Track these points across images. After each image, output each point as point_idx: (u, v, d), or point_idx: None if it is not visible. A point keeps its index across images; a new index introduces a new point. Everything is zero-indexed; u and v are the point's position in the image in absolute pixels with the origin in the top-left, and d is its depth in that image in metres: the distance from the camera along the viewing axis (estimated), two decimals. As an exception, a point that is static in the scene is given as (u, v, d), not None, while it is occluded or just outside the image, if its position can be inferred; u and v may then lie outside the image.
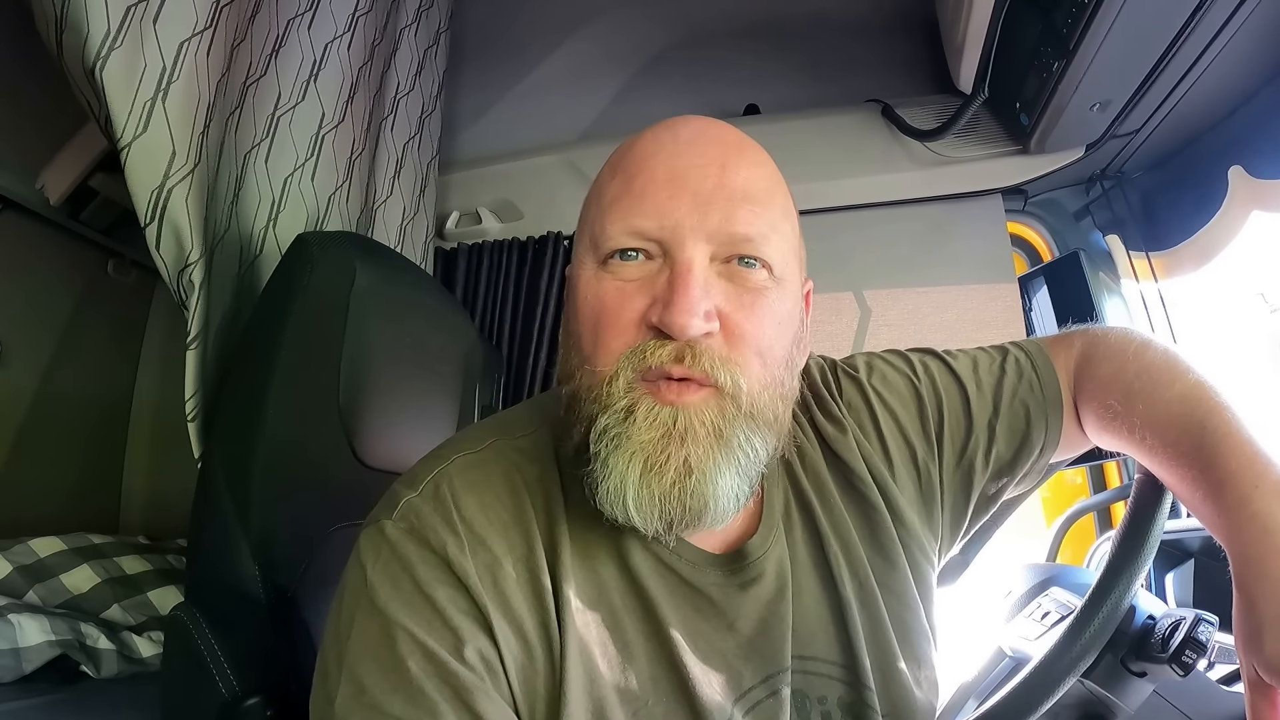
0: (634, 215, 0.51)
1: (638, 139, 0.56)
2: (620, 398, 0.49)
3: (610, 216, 0.52)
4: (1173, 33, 1.08)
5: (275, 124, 1.17)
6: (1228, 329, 1.36)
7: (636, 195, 0.51)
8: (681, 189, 0.51)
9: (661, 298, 0.49)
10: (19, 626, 1.07)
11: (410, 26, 1.59)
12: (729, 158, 0.53)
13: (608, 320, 0.51)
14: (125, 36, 0.85)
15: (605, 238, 0.52)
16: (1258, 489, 0.51)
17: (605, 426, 0.49)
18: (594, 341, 0.51)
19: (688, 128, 0.55)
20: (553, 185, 1.76)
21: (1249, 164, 1.25)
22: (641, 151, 0.54)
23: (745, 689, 0.55)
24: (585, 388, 0.51)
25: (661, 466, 0.48)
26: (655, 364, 0.48)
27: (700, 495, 0.49)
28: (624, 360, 0.49)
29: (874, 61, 1.76)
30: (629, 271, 0.51)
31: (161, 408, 1.92)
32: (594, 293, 0.52)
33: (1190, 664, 0.59)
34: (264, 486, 0.84)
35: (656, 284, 0.50)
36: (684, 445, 0.48)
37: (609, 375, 0.49)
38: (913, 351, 0.72)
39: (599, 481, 0.49)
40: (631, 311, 0.50)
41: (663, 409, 0.48)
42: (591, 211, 0.55)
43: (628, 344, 0.50)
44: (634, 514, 0.49)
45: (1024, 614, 0.86)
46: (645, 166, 0.53)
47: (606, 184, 0.55)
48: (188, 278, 0.93)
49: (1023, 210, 1.64)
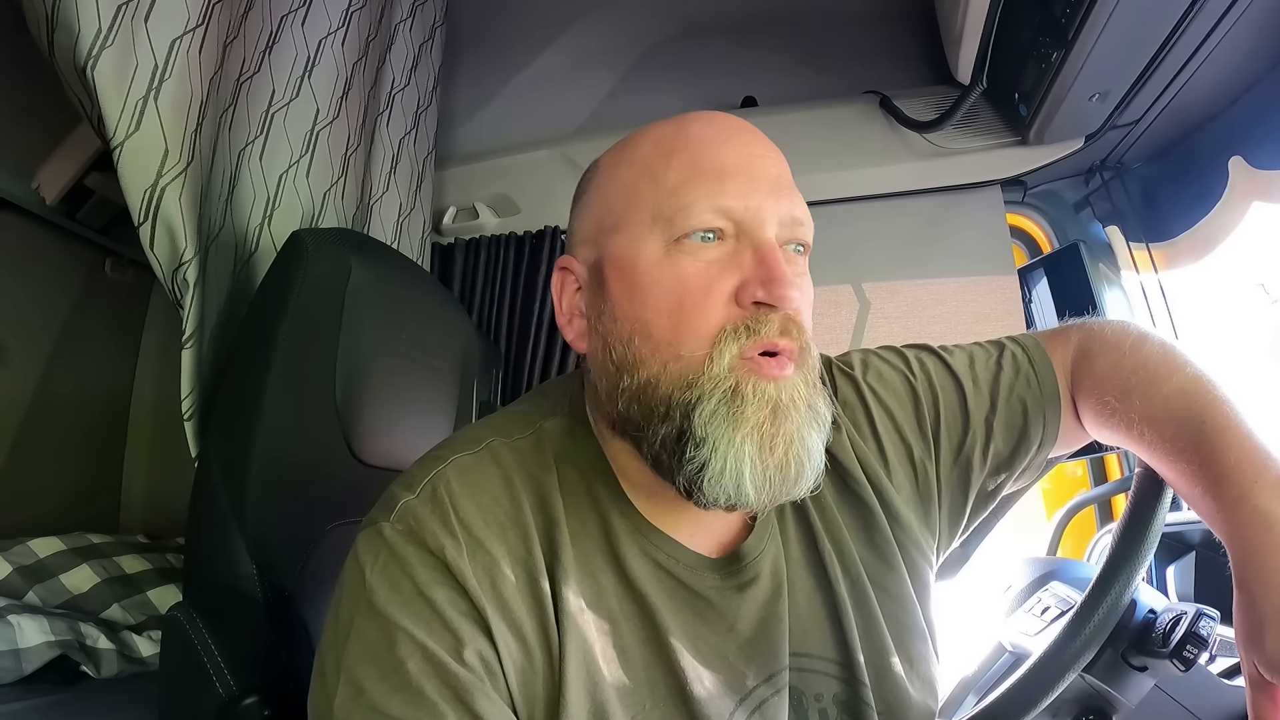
0: (719, 195, 0.51)
1: (684, 125, 0.56)
2: (725, 378, 0.49)
3: (688, 195, 0.52)
4: (1172, 22, 1.07)
5: (269, 121, 1.16)
6: (1228, 320, 1.36)
7: (715, 176, 0.52)
8: (756, 174, 0.53)
9: (756, 275, 0.50)
10: (19, 627, 1.07)
11: (405, 21, 1.58)
12: (775, 153, 0.56)
13: (694, 301, 0.51)
14: (116, 35, 0.84)
15: (687, 215, 0.51)
16: (1257, 484, 0.50)
17: (714, 409, 0.49)
18: (676, 324, 0.51)
19: (731, 120, 0.57)
20: (549, 179, 1.75)
21: (1249, 154, 1.24)
22: (699, 136, 0.54)
23: (749, 688, 0.55)
24: (668, 374, 0.51)
25: (773, 442, 0.49)
26: (767, 336, 0.49)
27: (800, 465, 0.51)
28: (725, 340, 0.50)
29: (871, 53, 1.75)
30: (709, 253, 0.51)
31: (161, 406, 1.92)
32: (671, 275, 0.51)
33: (1191, 659, 0.59)
34: (261, 485, 0.84)
35: (742, 263, 0.51)
36: (790, 419, 0.50)
37: (705, 357, 0.50)
38: (908, 348, 0.72)
39: (706, 464, 0.49)
40: (720, 293, 0.51)
41: (768, 385, 0.49)
42: (646, 190, 0.54)
43: (721, 323, 0.50)
44: (750, 492, 0.49)
45: (1024, 609, 0.86)
46: (712, 150, 0.53)
47: (663, 165, 0.54)
48: (182, 276, 0.93)
49: (1022, 202, 1.63)
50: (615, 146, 0.60)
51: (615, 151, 0.59)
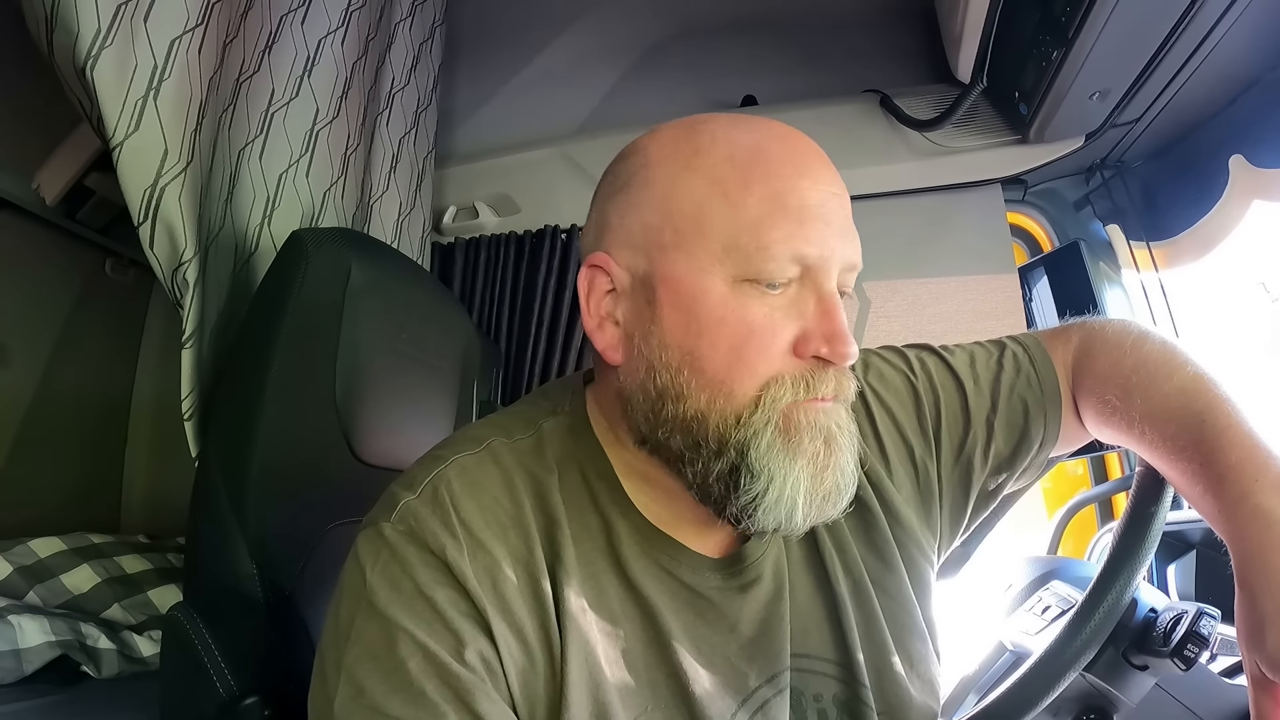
0: (800, 241, 0.50)
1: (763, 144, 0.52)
2: (775, 417, 0.50)
3: (770, 235, 0.49)
4: (1173, 20, 1.07)
5: (269, 120, 1.16)
6: (1228, 319, 1.35)
7: (796, 219, 0.50)
8: (833, 217, 0.52)
9: (819, 329, 0.50)
10: (19, 628, 1.07)
11: (405, 21, 1.58)
12: (844, 186, 0.54)
13: (757, 346, 0.50)
14: (116, 35, 0.84)
15: (766, 259, 0.49)
16: (1258, 483, 0.50)
17: (770, 443, 0.50)
18: (733, 365, 0.50)
19: (808, 146, 0.55)
20: (550, 179, 1.75)
21: (1250, 153, 1.24)
22: (780, 162, 0.52)
23: (752, 689, 0.55)
24: (718, 411, 0.50)
25: (825, 472, 0.51)
26: (822, 395, 0.51)
27: (842, 491, 0.52)
28: (781, 390, 0.50)
29: (871, 51, 1.74)
30: (776, 299, 0.51)
31: (161, 406, 1.92)
32: (736, 315, 0.50)
33: (1192, 658, 0.59)
34: (261, 485, 0.84)
35: (805, 311, 0.51)
36: (840, 449, 0.52)
37: (756, 398, 0.50)
38: (909, 348, 0.72)
39: (761, 494, 0.50)
40: (783, 341, 0.50)
41: (819, 415, 0.51)
42: (720, 215, 0.50)
43: (778, 372, 0.50)
44: (799, 519, 0.51)
45: (1025, 608, 0.86)
46: (795, 185, 0.51)
47: (740, 190, 0.50)
48: (182, 276, 0.93)
49: (1022, 200, 1.63)
50: (671, 137, 0.55)
51: (675, 146, 0.54)
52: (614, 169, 0.58)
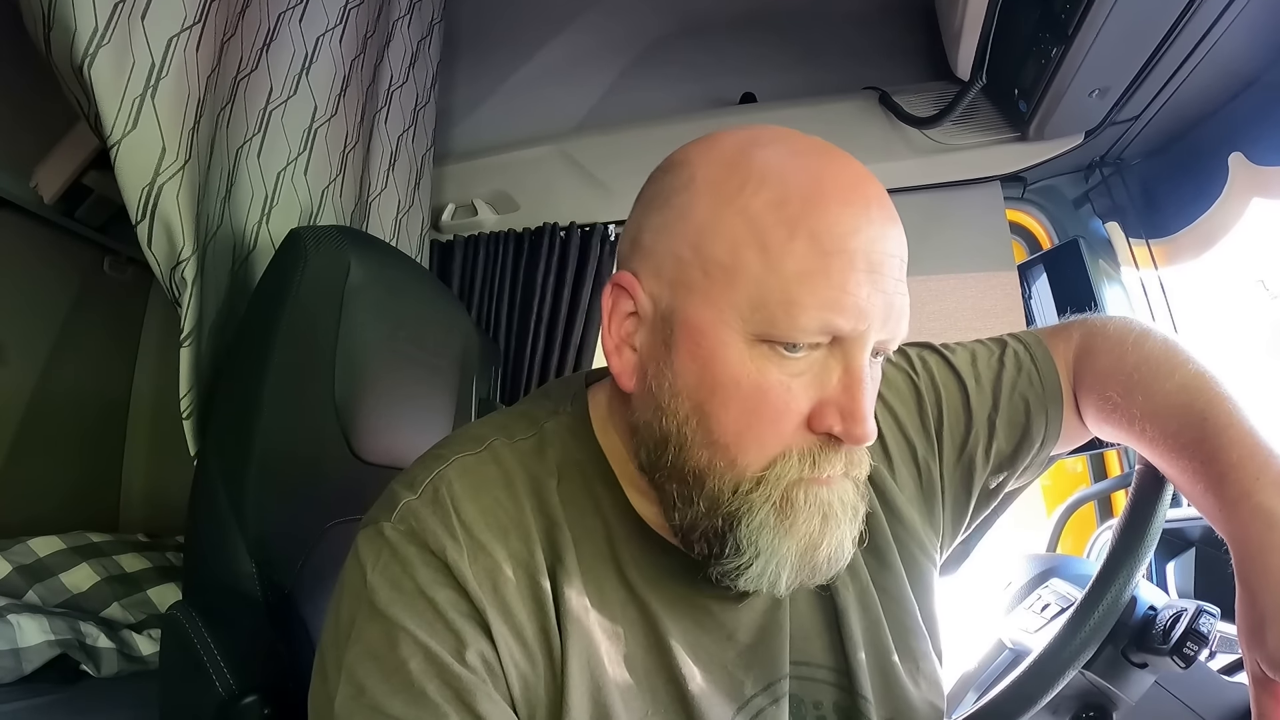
0: (834, 312, 0.45)
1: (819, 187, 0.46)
2: (777, 490, 0.48)
3: (803, 300, 0.44)
4: (1172, 17, 1.07)
5: (267, 118, 1.16)
6: (1228, 316, 1.35)
7: (838, 285, 0.44)
8: (878, 286, 0.46)
9: (839, 405, 0.46)
10: (18, 627, 1.07)
11: (403, 18, 1.58)
12: (901, 248, 0.49)
13: (769, 417, 0.47)
14: (113, 33, 0.84)
15: (793, 325, 0.45)
16: (1259, 481, 0.50)
17: (762, 521, 0.48)
18: (742, 433, 0.47)
19: (873, 193, 0.48)
20: (548, 176, 1.75)
21: (1249, 150, 1.24)
22: (836, 220, 0.45)
23: (748, 697, 0.55)
24: (717, 475, 0.48)
25: (817, 548, 0.49)
26: (829, 473, 0.48)
27: (832, 564, 0.50)
28: (788, 466, 0.47)
29: (871, 48, 1.74)
30: (798, 365, 0.47)
31: (160, 404, 1.92)
32: (750, 379, 0.46)
33: (1192, 656, 0.59)
34: (260, 483, 0.84)
35: (826, 384, 0.47)
36: (838, 527, 0.49)
37: (760, 475, 0.47)
38: (910, 346, 0.71)
39: (745, 565, 0.49)
40: (797, 413, 0.47)
41: (819, 491, 0.48)
42: (753, 264, 0.46)
43: (787, 445, 0.47)
44: (781, 588, 0.50)
45: (1024, 605, 0.86)
46: (844, 247, 0.45)
47: (783, 243, 0.45)
48: (180, 275, 0.93)
49: (1022, 198, 1.62)
50: (721, 160, 0.50)
51: (724, 174, 0.49)
52: (657, 178, 0.53)
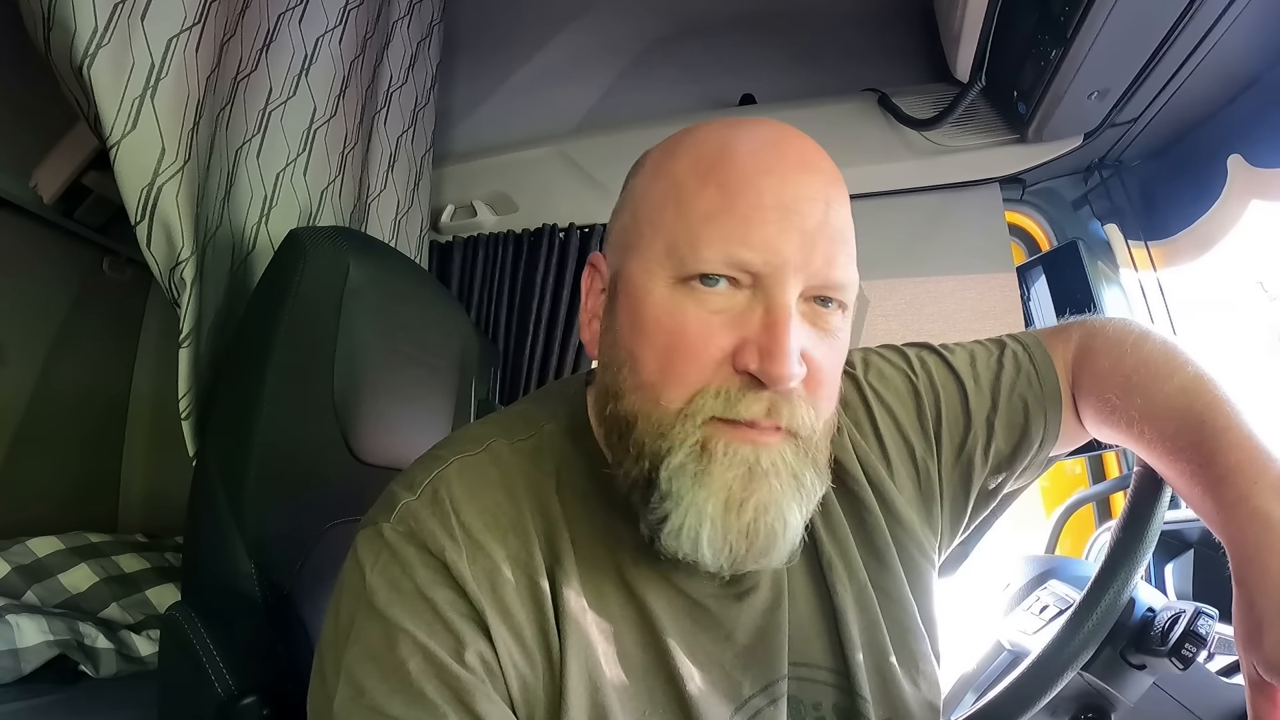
0: (738, 244, 0.46)
1: (732, 143, 0.50)
2: (694, 433, 0.47)
3: (706, 235, 0.47)
4: (1172, 19, 1.07)
5: (266, 119, 1.16)
6: (1226, 318, 1.36)
7: (741, 220, 0.47)
8: (791, 223, 0.47)
9: (758, 343, 0.46)
10: (17, 627, 1.07)
11: (403, 19, 1.58)
12: (832, 193, 0.50)
13: (687, 353, 0.47)
14: (113, 34, 0.84)
15: (698, 259, 0.47)
16: (1257, 485, 0.50)
17: (681, 464, 0.47)
18: (664, 370, 0.48)
19: (790, 146, 0.51)
20: (548, 177, 1.75)
21: (1248, 152, 1.24)
22: (744, 166, 0.48)
23: (745, 698, 0.55)
24: (644, 416, 0.49)
25: (742, 505, 0.47)
26: (745, 415, 0.46)
27: (772, 534, 0.48)
28: (705, 401, 0.47)
29: (870, 50, 1.74)
30: (715, 301, 0.47)
31: (159, 404, 1.91)
32: (670, 316, 0.48)
33: (1190, 658, 0.59)
34: (259, 484, 0.84)
35: (748, 323, 0.47)
36: (765, 485, 0.47)
37: (680, 411, 0.47)
38: (909, 346, 0.71)
39: (668, 516, 0.48)
40: (716, 349, 0.47)
41: (742, 446, 0.47)
42: (670, 216, 0.50)
43: (708, 382, 0.47)
44: (705, 551, 0.48)
45: (1022, 607, 0.86)
46: (751, 186, 0.47)
47: (695, 191, 0.49)
48: (179, 275, 0.93)
49: (1021, 199, 1.63)
50: (664, 142, 0.55)
51: (662, 150, 0.55)
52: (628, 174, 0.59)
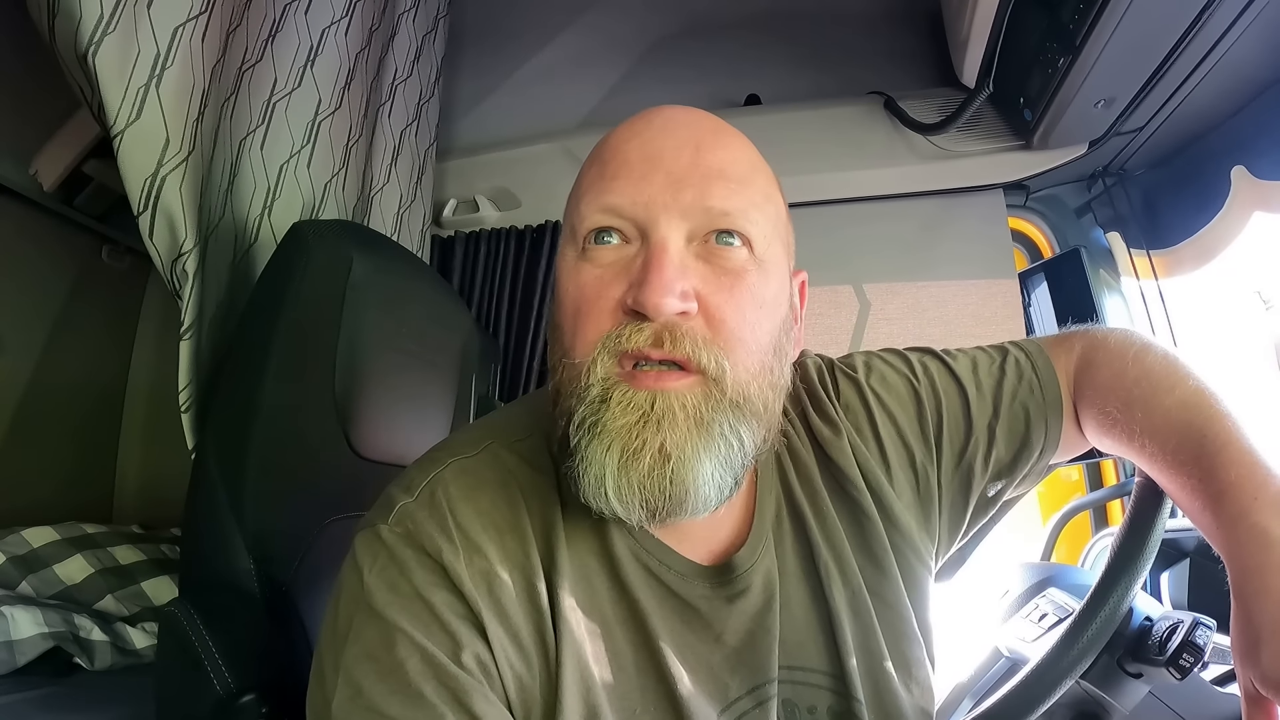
0: (606, 193, 0.50)
1: (615, 129, 0.55)
2: (596, 385, 0.48)
3: (585, 200, 0.51)
4: (1179, 31, 1.07)
5: (271, 110, 1.16)
6: (1227, 329, 1.36)
7: (610, 176, 0.51)
8: (654, 168, 0.50)
9: (636, 279, 0.48)
10: (11, 619, 1.07)
11: (409, 12, 1.57)
12: (704, 139, 0.52)
13: (586, 308, 0.50)
14: (118, 22, 0.83)
15: (579, 218, 0.51)
16: (1257, 500, 0.50)
17: (583, 417, 0.48)
18: (573, 331, 0.50)
19: (662, 115, 0.54)
20: (551, 174, 1.74)
21: (1252, 164, 1.24)
22: (616, 139, 0.54)
23: (731, 699, 0.55)
24: (566, 380, 0.50)
25: (638, 452, 0.46)
26: (632, 347, 0.47)
27: (680, 482, 0.47)
28: (601, 348, 0.48)
29: (877, 54, 1.74)
30: (605, 256, 0.50)
31: (156, 395, 1.91)
32: (573, 282, 0.51)
33: (1187, 668, 0.59)
34: (258, 479, 0.83)
35: (633, 267, 0.49)
36: (660, 429, 0.47)
37: (586, 365, 0.48)
38: (911, 351, 0.71)
39: (581, 474, 0.48)
40: (608, 299, 0.49)
41: (638, 393, 0.47)
42: (569, 202, 0.55)
43: (604, 331, 0.48)
44: (615, 503, 0.48)
45: (1021, 615, 0.86)
46: (620, 151, 0.52)
47: (584, 173, 0.55)
48: (181, 267, 0.92)
49: (1024, 206, 1.63)
50: None
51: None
52: None
